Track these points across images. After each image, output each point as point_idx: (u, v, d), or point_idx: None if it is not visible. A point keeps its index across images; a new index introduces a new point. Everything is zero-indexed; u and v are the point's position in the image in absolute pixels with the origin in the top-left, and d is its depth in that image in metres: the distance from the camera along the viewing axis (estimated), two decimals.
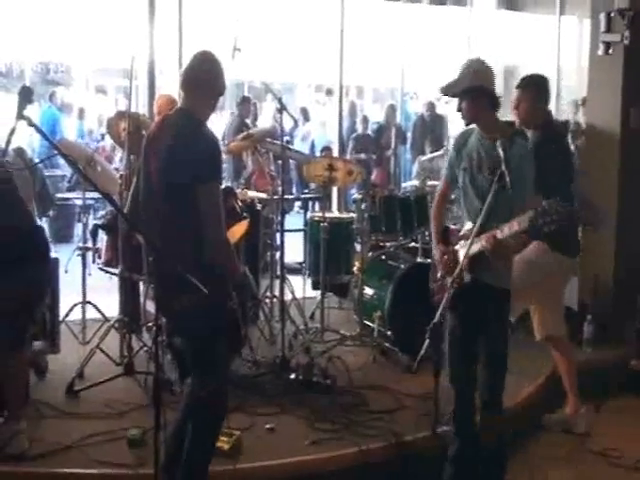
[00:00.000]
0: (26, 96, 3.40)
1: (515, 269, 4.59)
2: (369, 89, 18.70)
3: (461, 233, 3.86)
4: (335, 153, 8.31)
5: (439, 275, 3.92)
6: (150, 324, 5.47)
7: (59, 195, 9.37)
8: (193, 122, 3.56)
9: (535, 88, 4.65)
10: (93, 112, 14.65)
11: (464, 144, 3.92)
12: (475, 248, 3.62)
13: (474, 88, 3.71)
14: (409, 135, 11.93)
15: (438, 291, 3.93)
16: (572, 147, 6.27)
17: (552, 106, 7.85)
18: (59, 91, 14.32)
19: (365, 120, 11.76)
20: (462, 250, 3.75)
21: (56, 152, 3.72)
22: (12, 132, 3.57)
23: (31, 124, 3.45)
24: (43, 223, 8.30)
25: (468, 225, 3.83)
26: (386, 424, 4.52)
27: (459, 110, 3.80)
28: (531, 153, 3.78)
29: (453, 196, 4.43)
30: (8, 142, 3.83)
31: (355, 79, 15.72)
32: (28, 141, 10.81)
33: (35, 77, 15.64)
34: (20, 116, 3.37)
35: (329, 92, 14.34)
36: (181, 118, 3.62)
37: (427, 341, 3.52)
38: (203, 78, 3.63)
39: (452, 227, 4.05)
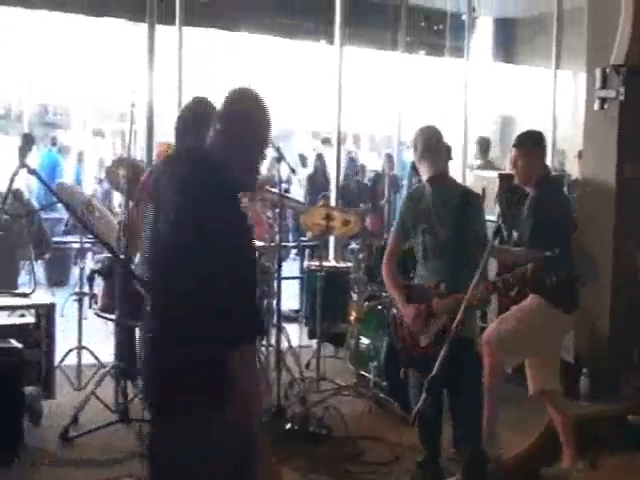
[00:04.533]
0: (27, 143, 3.46)
1: (511, 322, 4.63)
2: (366, 137, 18.86)
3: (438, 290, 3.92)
4: (332, 202, 8.35)
5: (417, 332, 3.96)
6: None
7: (56, 238, 9.39)
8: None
9: (531, 145, 4.68)
10: (91, 155, 14.76)
11: (418, 202, 4.01)
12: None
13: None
14: (404, 183, 11.98)
15: (407, 350, 3.99)
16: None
17: (548, 157, 7.96)
18: (57, 134, 14.46)
19: (362, 169, 11.85)
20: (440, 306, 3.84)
21: (56, 200, 3.77)
22: (13, 178, 3.61)
23: (32, 172, 3.49)
24: (39, 266, 8.37)
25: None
26: (382, 476, 4.49)
27: None
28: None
29: None
30: (9, 188, 3.87)
31: (352, 127, 15.87)
32: (26, 183, 10.87)
33: (34, 119, 15.76)
34: (22, 164, 3.41)
35: (326, 141, 14.45)
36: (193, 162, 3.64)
37: (424, 395, 3.52)
38: (196, 123, 3.62)
39: (413, 284, 4.11)
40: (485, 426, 4.40)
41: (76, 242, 8.89)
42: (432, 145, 3.99)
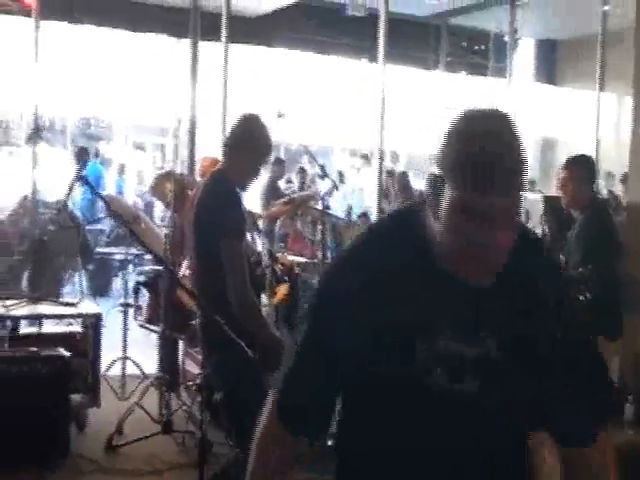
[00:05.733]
0: (82, 157, 3.53)
1: None
2: (404, 155, 18.84)
3: None
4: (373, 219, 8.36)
5: None
6: (189, 383, 5.49)
7: (98, 250, 9.49)
8: (220, 183, 3.63)
9: (580, 169, 4.67)
10: (131, 168, 14.94)
11: None
12: None
13: None
14: None
15: None
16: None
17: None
18: (100, 146, 14.65)
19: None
20: None
21: (109, 212, 3.84)
22: (70, 191, 3.68)
23: (87, 184, 3.57)
24: (82, 276, 8.47)
25: None
26: None
27: None
28: None
29: None
30: (66, 201, 3.96)
31: (390, 144, 15.88)
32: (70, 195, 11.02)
33: (77, 131, 15.98)
34: (78, 176, 3.48)
35: (365, 157, 14.50)
36: (212, 180, 3.72)
37: None
38: (243, 140, 3.67)
39: None
40: None
41: (120, 253, 8.99)
42: None
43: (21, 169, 10.14)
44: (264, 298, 4.94)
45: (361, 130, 12.24)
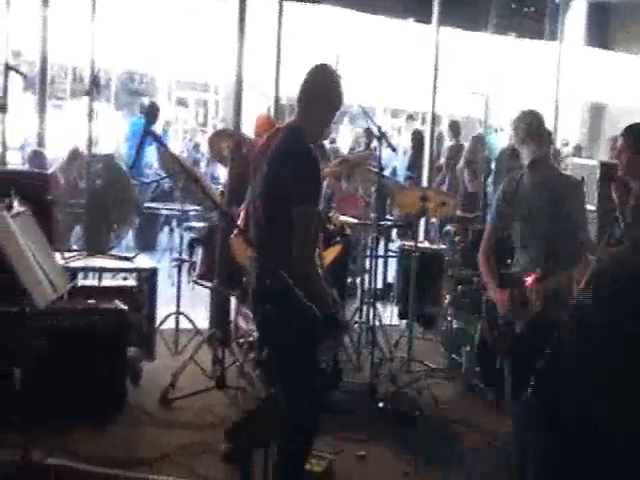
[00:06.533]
0: (152, 113, 3.52)
1: None
2: (445, 118, 18.66)
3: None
4: (424, 182, 8.32)
5: (513, 317, 3.86)
6: (241, 340, 5.54)
7: (145, 205, 9.55)
8: (296, 139, 3.51)
9: (634, 137, 4.52)
10: (175, 124, 14.97)
11: (516, 189, 3.93)
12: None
13: None
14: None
15: (502, 339, 3.92)
16: None
17: None
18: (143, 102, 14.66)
19: None
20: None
21: (181, 168, 3.83)
22: (140, 147, 3.69)
23: (156, 139, 3.56)
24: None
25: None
26: (475, 463, 4.48)
27: None
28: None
29: None
30: (137, 155, 3.97)
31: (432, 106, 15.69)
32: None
33: (120, 86, 16.01)
34: (147, 132, 3.48)
35: (410, 118, 14.40)
36: (287, 133, 3.59)
37: (532, 384, 3.44)
38: (316, 92, 3.54)
39: (506, 272, 4.05)
40: None
41: (165, 209, 9.06)
42: (533, 130, 3.94)
43: (68, 122, 10.23)
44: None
45: (406, 91, 12.12)
